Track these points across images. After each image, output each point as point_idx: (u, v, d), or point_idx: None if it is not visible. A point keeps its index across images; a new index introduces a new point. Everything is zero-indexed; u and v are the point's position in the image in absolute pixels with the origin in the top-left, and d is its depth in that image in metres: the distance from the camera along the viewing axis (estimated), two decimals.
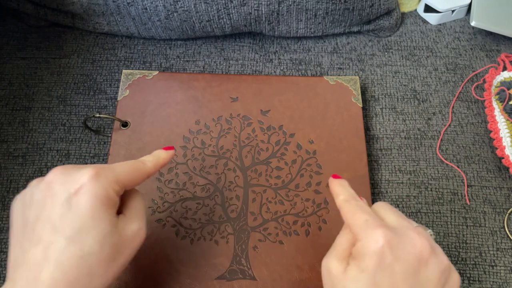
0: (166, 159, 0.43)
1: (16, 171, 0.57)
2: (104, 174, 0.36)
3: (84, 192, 0.35)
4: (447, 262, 0.37)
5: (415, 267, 0.35)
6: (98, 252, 0.35)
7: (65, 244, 0.34)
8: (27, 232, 0.35)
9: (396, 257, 0.35)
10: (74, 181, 0.35)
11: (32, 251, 0.34)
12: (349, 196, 0.41)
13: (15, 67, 0.64)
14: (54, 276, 0.33)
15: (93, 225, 0.35)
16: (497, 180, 0.58)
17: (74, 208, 0.34)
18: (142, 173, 0.40)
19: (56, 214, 0.34)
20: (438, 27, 0.71)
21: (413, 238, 0.36)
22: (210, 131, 0.57)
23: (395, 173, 0.59)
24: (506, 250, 0.54)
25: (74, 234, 0.34)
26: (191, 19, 0.62)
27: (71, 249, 0.34)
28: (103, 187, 0.36)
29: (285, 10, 0.62)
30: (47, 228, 0.34)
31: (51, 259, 0.33)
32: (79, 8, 0.63)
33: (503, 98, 0.60)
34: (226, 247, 0.51)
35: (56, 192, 0.35)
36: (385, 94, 0.64)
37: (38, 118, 0.60)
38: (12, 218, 0.37)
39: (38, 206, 0.35)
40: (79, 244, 0.34)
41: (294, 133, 0.57)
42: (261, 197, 0.54)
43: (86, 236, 0.34)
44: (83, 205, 0.35)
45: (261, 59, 0.67)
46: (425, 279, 0.35)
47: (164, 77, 0.60)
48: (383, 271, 0.35)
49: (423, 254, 0.36)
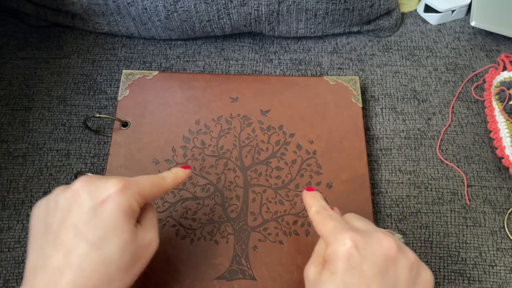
0: (183, 178, 0.45)
1: (16, 171, 0.57)
2: (130, 187, 0.38)
3: (110, 202, 0.36)
4: (415, 258, 0.38)
5: (383, 266, 0.36)
6: (118, 260, 0.36)
7: (88, 250, 0.35)
8: (50, 238, 0.36)
9: (363, 257, 0.36)
10: (101, 191, 0.37)
11: (55, 256, 0.35)
12: (320, 208, 0.43)
13: (15, 67, 0.64)
14: (75, 281, 0.34)
15: (115, 233, 0.36)
16: (497, 180, 0.58)
17: (99, 217, 0.36)
18: (161, 188, 0.42)
19: (81, 221, 0.36)
20: (438, 27, 0.71)
21: (379, 239, 0.37)
22: (210, 131, 0.57)
23: (395, 173, 0.59)
24: (506, 250, 0.54)
25: (97, 241, 0.35)
26: (191, 19, 0.62)
27: (93, 256, 0.35)
28: (128, 199, 0.37)
29: (285, 10, 0.62)
30: (71, 234, 0.35)
31: (73, 264, 0.34)
32: (79, 8, 0.63)
33: (503, 98, 0.60)
34: (226, 247, 0.51)
35: (82, 200, 0.36)
36: (385, 94, 0.64)
37: (38, 118, 0.60)
38: (33, 223, 0.38)
39: (63, 212, 0.36)
40: (101, 251, 0.35)
41: (294, 133, 0.57)
42: (261, 197, 0.54)
43: (108, 244, 0.35)
44: (108, 214, 0.36)
45: (261, 59, 0.67)
46: (395, 277, 0.36)
47: (164, 77, 0.60)
48: (352, 272, 0.36)
49: (390, 252, 0.37)
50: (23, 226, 0.54)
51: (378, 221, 0.55)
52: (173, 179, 0.43)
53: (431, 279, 0.38)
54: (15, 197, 0.55)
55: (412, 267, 0.37)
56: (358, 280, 0.36)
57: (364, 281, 0.35)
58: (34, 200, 0.55)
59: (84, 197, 0.37)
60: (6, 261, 0.52)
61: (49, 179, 0.56)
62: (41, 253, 0.36)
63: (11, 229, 0.53)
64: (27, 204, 0.55)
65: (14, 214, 0.54)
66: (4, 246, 0.52)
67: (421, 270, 0.38)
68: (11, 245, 0.53)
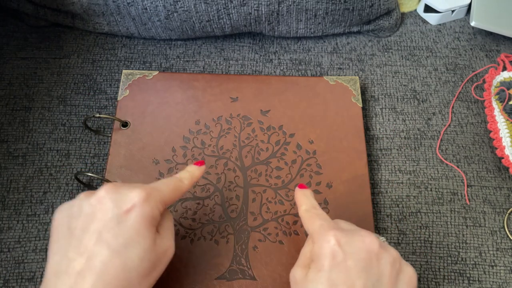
0: (199, 175, 0.46)
1: (16, 171, 0.57)
2: (153, 196, 0.39)
3: (134, 211, 0.38)
4: (397, 255, 0.39)
5: (367, 261, 0.38)
6: (138, 267, 0.37)
7: (110, 256, 0.36)
8: (73, 242, 0.37)
9: (347, 253, 0.38)
10: (126, 200, 0.38)
11: (78, 260, 0.36)
12: (310, 206, 0.45)
13: (15, 67, 0.64)
14: (96, 286, 0.35)
15: (137, 241, 0.37)
16: (497, 180, 0.58)
17: (123, 224, 0.37)
18: (180, 191, 0.43)
19: (104, 228, 0.37)
20: (438, 27, 0.71)
21: (362, 236, 0.39)
22: (210, 131, 0.57)
23: (395, 173, 0.59)
24: (506, 250, 0.54)
25: (119, 248, 0.36)
26: (191, 19, 0.62)
27: (115, 262, 0.36)
28: (151, 209, 0.39)
29: (285, 10, 0.62)
30: (94, 239, 0.36)
31: (94, 269, 0.35)
32: (79, 8, 0.63)
33: (503, 98, 0.60)
34: (226, 247, 0.51)
35: (107, 208, 0.37)
36: (385, 94, 0.64)
37: (38, 118, 0.60)
38: (55, 227, 0.39)
39: (87, 218, 0.37)
40: (123, 257, 0.36)
41: (294, 133, 0.57)
42: (261, 197, 0.54)
43: (130, 251, 0.37)
44: (132, 223, 0.37)
45: (261, 59, 0.67)
46: (379, 272, 0.38)
47: (164, 77, 0.61)
48: (337, 268, 0.37)
49: (373, 248, 0.38)
50: (23, 226, 0.54)
51: (378, 221, 0.55)
52: (190, 180, 0.44)
53: (414, 275, 0.39)
54: (15, 197, 0.55)
55: (395, 262, 0.39)
56: (344, 276, 0.37)
57: (350, 276, 0.37)
58: (34, 200, 0.55)
59: (109, 205, 0.38)
60: (6, 261, 0.52)
61: (49, 179, 0.56)
62: (63, 256, 0.37)
63: (11, 229, 0.53)
64: (27, 204, 0.55)
65: (14, 214, 0.54)
66: (4, 246, 0.52)
67: (404, 266, 0.39)
68: (11, 245, 0.53)
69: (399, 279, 0.38)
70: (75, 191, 0.56)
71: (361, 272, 0.37)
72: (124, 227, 0.37)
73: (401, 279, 0.39)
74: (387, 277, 0.38)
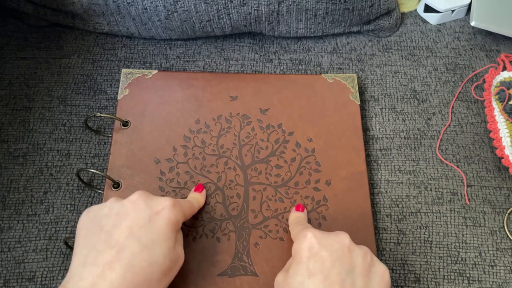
0: (203, 200, 0.53)
1: (16, 171, 0.57)
2: (178, 205, 0.44)
3: (163, 214, 0.42)
4: (368, 250, 0.43)
5: (340, 252, 0.41)
6: (162, 263, 0.41)
7: (139, 250, 0.40)
8: (102, 237, 0.40)
9: (322, 245, 0.41)
10: (157, 204, 0.43)
11: (107, 252, 0.39)
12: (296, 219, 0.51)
13: (16, 67, 0.64)
14: (124, 276, 0.38)
15: (163, 240, 0.41)
16: (496, 180, 0.58)
17: (153, 223, 0.42)
18: (193, 211, 0.49)
19: (136, 224, 0.41)
20: (438, 27, 0.71)
21: (335, 233, 0.43)
22: (210, 130, 0.57)
23: (395, 173, 0.59)
24: (506, 250, 0.54)
25: (148, 243, 0.40)
26: (191, 19, 0.62)
27: (143, 255, 0.40)
28: (176, 214, 0.43)
29: (285, 10, 0.62)
30: (126, 234, 0.40)
31: (124, 260, 0.39)
32: (79, 8, 0.63)
33: (503, 98, 0.60)
34: (227, 244, 0.51)
35: (140, 208, 0.42)
36: (384, 94, 0.64)
37: (38, 118, 0.60)
38: (82, 224, 0.42)
39: (118, 217, 0.41)
40: (150, 252, 0.40)
41: (293, 131, 0.58)
42: (261, 195, 0.54)
43: (156, 247, 0.41)
44: (161, 223, 0.42)
45: (261, 59, 0.67)
46: (351, 263, 0.41)
47: (163, 76, 0.61)
48: (314, 259, 0.41)
49: (345, 241, 0.42)
50: (23, 226, 0.54)
51: (378, 221, 0.55)
52: (197, 203, 0.51)
53: (386, 271, 0.42)
54: (16, 197, 0.55)
55: (366, 255, 0.42)
56: (320, 266, 0.40)
57: (325, 266, 0.40)
58: (34, 200, 0.55)
59: (142, 205, 0.42)
60: (6, 261, 0.52)
61: (50, 179, 0.56)
62: (92, 249, 0.40)
63: (11, 229, 0.53)
64: (27, 204, 0.55)
65: (15, 214, 0.54)
66: (4, 246, 0.52)
67: (375, 261, 0.43)
68: (11, 245, 0.53)
69: (372, 272, 0.42)
70: (76, 191, 0.56)
71: (335, 262, 0.40)
72: (154, 226, 0.41)
73: (374, 272, 0.42)
74: (360, 267, 0.41)
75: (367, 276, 0.41)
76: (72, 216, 0.54)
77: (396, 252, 0.54)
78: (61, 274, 0.51)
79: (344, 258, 0.41)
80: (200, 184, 0.53)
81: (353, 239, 0.43)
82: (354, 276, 0.40)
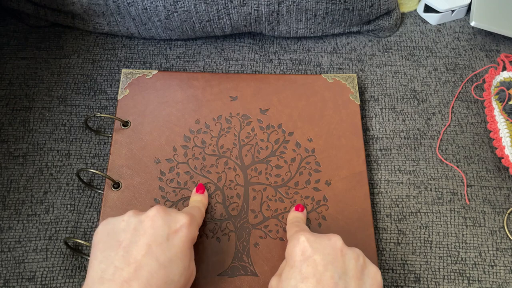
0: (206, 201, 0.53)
1: (16, 171, 0.57)
2: (195, 220, 0.45)
3: (182, 232, 0.43)
4: (361, 252, 0.43)
5: (333, 256, 0.41)
6: (178, 282, 0.41)
7: (157, 269, 0.40)
8: (120, 253, 0.40)
9: (314, 249, 0.41)
10: (175, 222, 0.43)
11: (126, 270, 0.39)
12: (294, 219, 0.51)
13: (16, 67, 0.64)
14: None
15: (181, 258, 0.42)
16: (496, 180, 0.58)
17: (171, 242, 0.42)
18: (203, 217, 0.50)
19: (154, 242, 0.41)
20: (438, 27, 0.71)
21: (328, 236, 0.43)
22: (210, 130, 0.57)
23: (395, 173, 0.59)
24: (506, 250, 0.54)
25: (166, 262, 0.40)
26: (191, 19, 0.62)
27: (160, 274, 0.40)
28: (193, 231, 0.44)
29: (285, 10, 0.62)
30: (144, 252, 0.40)
31: (142, 279, 0.39)
32: (79, 8, 0.63)
33: (503, 98, 0.60)
34: (227, 244, 0.51)
35: (158, 225, 0.42)
36: (384, 94, 0.64)
37: (38, 118, 0.60)
38: (99, 237, 0.43)
39: (136, 233, 0.41)
40: (167, 271, 0.40)
41: (293, 132, 0.58)
42: (261, 195, 0.54)
43: (174, 266, 0.41)
44: (179, 241, 0.42)
45: (261, 59, 0.67)
46: (344, 266, 0.41)
47: (163, 76, 0.61)
48: (306, 263, 0.41)
49: (337, 245, 0.42)
50: (23, 226, 0.54)
51: (378, 221, 0.55)
52: (205, 208, 0.52)
53: (378, 272, 0.43)
54: (16, 197, 0.55)
55: (358, 258, 0.42)
56: (312, 269, 0.40)
57: (318, 270, 0.40)
58: (35, 200, 0.55)
59: (160, 222, 0.42)
60: (6, 261, 0.52)
61: (50, 179, 0.56)
62: (109, 265, 0.40)
63: (11, 229, 0.53)
64: (27, 204, 0.55)
65: (15, 214, 0.54)
66: (4, 246, 0.52)
67: (368, 263, 0.43)
68: (11, 245, 0.53)
69: (364, 274, 0.42)
70: (76, 191, 0.56)
71: (328, 265, 0.40)
72: (172, 245, 0.41)
73: (366, 274, 0.42)
74: (353, 270, 0.41)
75: (360, 279, 0.41)
76: (72, 216, 0.54)
77: (396, 252, 0.54)
78: (61, 274, 0.51)
79: (337, 262, 0.41)
80: (200, 184, 0.53)
81: (353, 239, 0.43)
82: (347, 279, 0.40)
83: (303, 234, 0.43)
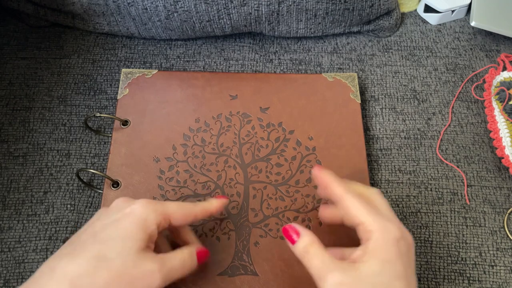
0: (217, 207, 0.46)
1: (16, 171, 0.57)
2: (153, 204, 0.41)
3: (130, 214, 0.40)
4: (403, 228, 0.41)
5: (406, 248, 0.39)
6: (112, 259, 0.38)
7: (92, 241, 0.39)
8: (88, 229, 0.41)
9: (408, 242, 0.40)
10: (130, 204, 0.41)
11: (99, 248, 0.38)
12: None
13: (16, 67, 0.64)
14: None
15: (122, 237, 0.39)
16: (497, 180, 0.58)
17: (118, 221, 0.40)
18: (189, 212, 0.44)
19: (100, 223, 0.41)
20: (438, 27, 0.71)
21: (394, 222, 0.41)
22: (210, 128, 0.57)
23: (395, 173, 0.59)
24: (506, 250, 0.54)
25: (104, 238, 0.39)
26: (191, 19, 0.62)
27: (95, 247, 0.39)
28: (145, 212, 0.40)
29: (285, 10, 0.62)
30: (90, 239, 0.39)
31: None
32: (79, 8, 0.63)
33: (503, 98, 0.60)
34: (227, 243, 0.51)
35: (111, 213, 0.41)
36: (385, 94, 0.64)
37: (38, 118, 0.60)
38: None
39: (91, 222, 0.42)
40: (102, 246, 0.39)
41: (293, 130, 0.58)
42: (262, 193, 0.54)
43: (110, 243, 0.38)
44: (125, 222, 0.40)
45: (261, 59, 0.67)
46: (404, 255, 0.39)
47: (163, 76, 0.61)
48: (401, 261, 0.38)
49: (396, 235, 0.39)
50: (23, 226, 0.54)
51: None
52: (203, 207, 0.45)
53: (412, 243, 0.41)
54: (16, 197, 0.55)
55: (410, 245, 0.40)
56: (407, 263, 0.38)
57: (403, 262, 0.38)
58: (35, 200, 0.55)
59: (122, 205, 0.42)
60: (6, 261, 0.52)
61: (50, 179, 0.56)
62: None
63: (11, 229, 0.53)
64: (28, 204, 0.55)
65: (15, 214, 0.54)
66: (4, 246, 0.52)
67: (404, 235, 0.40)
68: (11, 245, 0.53)
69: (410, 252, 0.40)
70: (76, 191, 0.56)
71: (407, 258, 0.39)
72: (116, 227, 0.40)
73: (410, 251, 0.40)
74: (411, 256, 0.40)
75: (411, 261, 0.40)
76: (72, 216, 0.54)
77: None
78: None
79: (409, 253, 0.40)
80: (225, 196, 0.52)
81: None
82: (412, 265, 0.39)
83: (396, 226, 0.40)
